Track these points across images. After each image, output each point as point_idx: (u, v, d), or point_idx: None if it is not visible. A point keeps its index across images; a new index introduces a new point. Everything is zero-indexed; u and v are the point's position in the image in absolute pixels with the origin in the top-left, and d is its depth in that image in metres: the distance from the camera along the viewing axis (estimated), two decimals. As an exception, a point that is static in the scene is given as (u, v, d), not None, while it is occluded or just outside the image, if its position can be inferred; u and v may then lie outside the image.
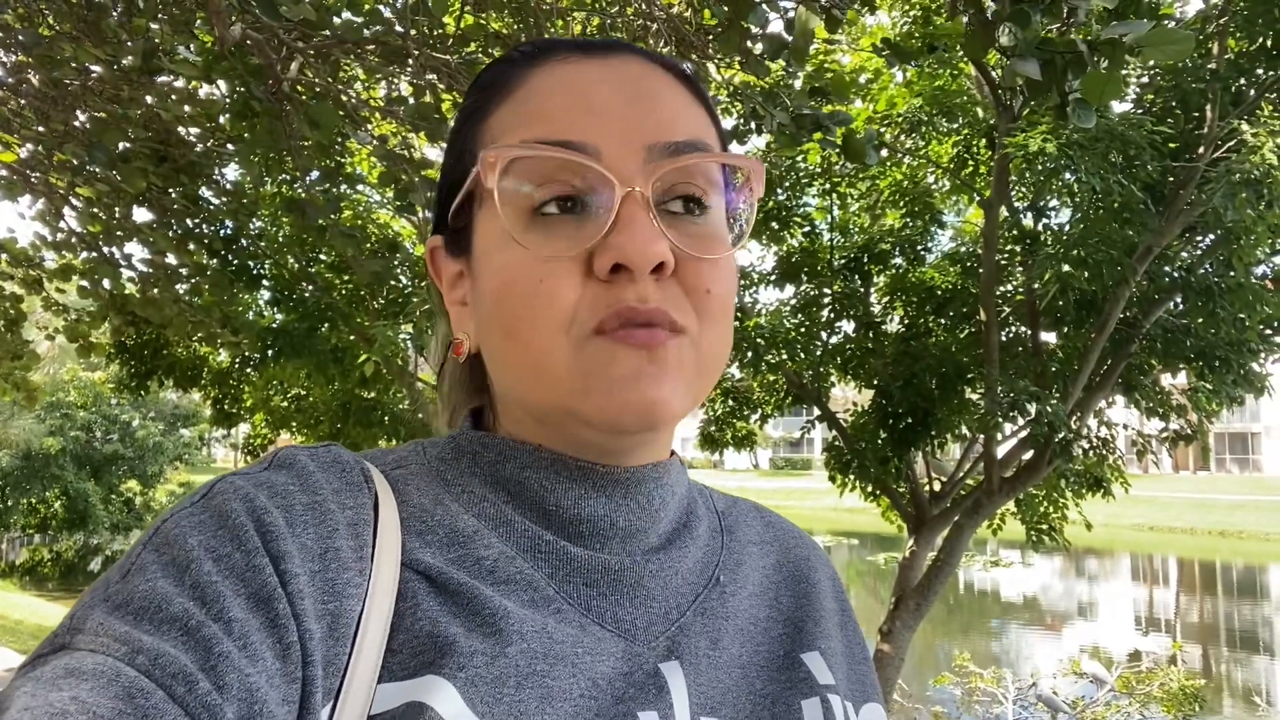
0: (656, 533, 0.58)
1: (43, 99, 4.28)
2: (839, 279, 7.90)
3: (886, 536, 19.63)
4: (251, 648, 0.41)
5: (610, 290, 0.51)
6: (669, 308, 0.52)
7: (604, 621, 0.53)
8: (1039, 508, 7.49)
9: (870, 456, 7.42)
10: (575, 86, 0.55)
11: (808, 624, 0.62)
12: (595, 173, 0.51)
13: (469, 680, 0.45)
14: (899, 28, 6.77)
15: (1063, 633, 15.46)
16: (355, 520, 0.50)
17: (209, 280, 5.93)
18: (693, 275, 0.53)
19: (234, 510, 0.46)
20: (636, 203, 0.51)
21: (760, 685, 0.56)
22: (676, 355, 0.52)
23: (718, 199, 0.56)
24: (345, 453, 0.55)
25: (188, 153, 4.90)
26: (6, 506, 23.88)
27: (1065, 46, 2.36)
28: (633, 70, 0.56)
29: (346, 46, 3.73)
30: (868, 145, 3.21)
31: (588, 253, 0.51)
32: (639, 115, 0.54)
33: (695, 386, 0.54)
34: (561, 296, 0.51)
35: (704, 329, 0.54)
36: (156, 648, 0.39)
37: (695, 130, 0.56)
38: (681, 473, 0.62)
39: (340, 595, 0.46)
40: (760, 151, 6.87)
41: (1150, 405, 7.00)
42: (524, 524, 0.55)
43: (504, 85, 0.57)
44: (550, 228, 0.52)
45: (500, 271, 0.54)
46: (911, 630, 7.05)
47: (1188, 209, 5.64)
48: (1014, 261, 7.04)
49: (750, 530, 0.67)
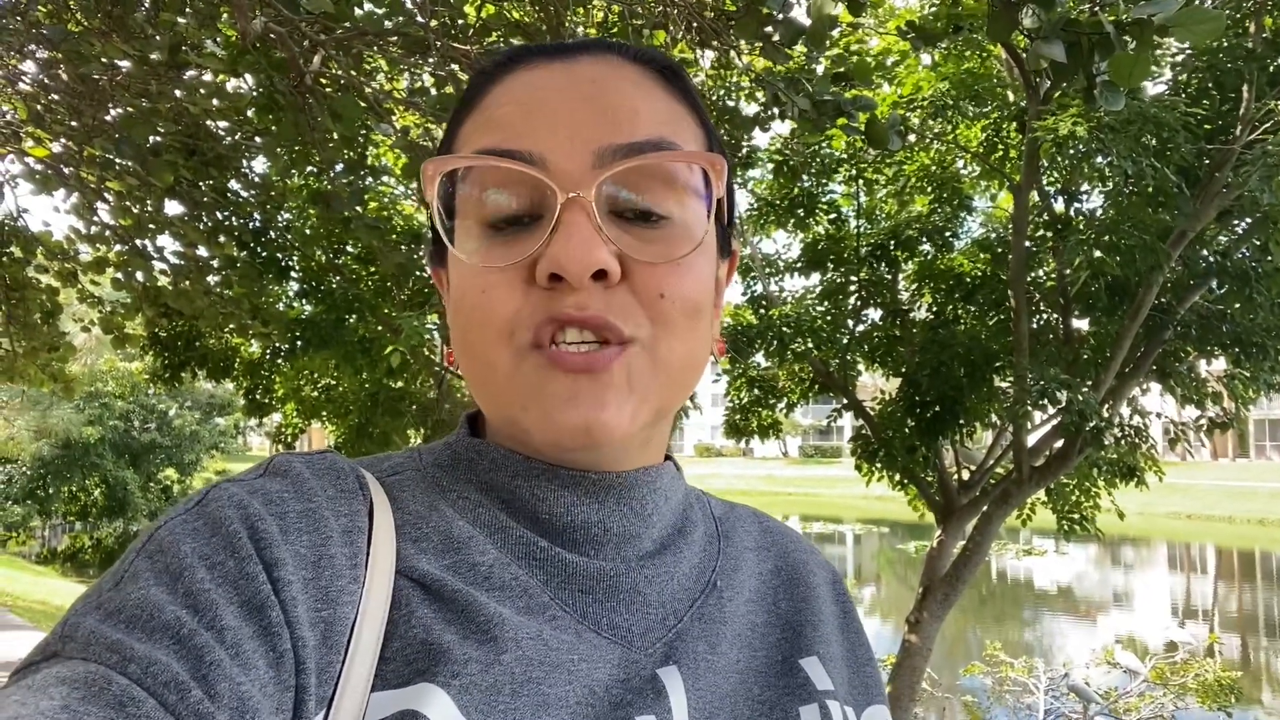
0: (650, 538, 0.58)
1: (73, 94, 4.35)
2: (865, 266, 7.82)
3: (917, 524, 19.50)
4: (244, 656, 0.41)
5: (549, 299, 0.50)
6: (613, 315, 0.51)
7: (600, 628, 0.53)
8: (1070, 497, 7.39)
9: (898, 445, 7.35)
10: (528, 94, 0.55)
11: (806, 629, 0.62)
12: (534, 180, 0.51)
13: (463, 688, 0.45)
14: (925, 9, 6.67)
15: (1097, 622, 15.29)
16: (349, 527, 0.50)
17: (239, 272, 6.01)
18: (644, 281, 0.52)
19: (227, 517, 0.46)
20: (578, 209, 0.50)
21: (758, 691, 0.56)
22: (623, 369, 0.51)
23: (685, 199, 0.54)
24: (341, 460, 0.55)
25: (216, 146, 4.96)
26: (48, 495, 24.46)
27: (1091, 27, 2.31)
28: (594, 71, 0.55)
29: (368, 38, 3.75)
30: (891, 130, 3.16)
31: (531, 261, 0.51)
32: (590, 118, 0.53)
33: (653, 396, 0.53)
34: (502, 306, 0.51)
35: (660, 335, 0.52)
36: (148, 656, 0.39)
37: (658, 129, 0.54)
38: (676, 478, 0.62)
39: (334, 602, 0.46)
40: (784, 138, 6.81)
41: (1185, 392, 6.88)
42: (519, 530, 0.55)
43: (471, 98, 0.58)
44: (499, 238, 0.52)
45: (456, 284, 0.55)
46: (939, 620, 7.00)
47: (1223, 192, 5.51)
48: (1044, 247, 6.93)
49: (748, 536, 0.67)
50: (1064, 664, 9.73)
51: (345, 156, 4.79)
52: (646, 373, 0.52)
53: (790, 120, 3.52)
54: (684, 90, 0.58)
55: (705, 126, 0.59)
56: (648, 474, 0.58)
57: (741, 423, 8.63)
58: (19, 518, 25.08)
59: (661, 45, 4.07)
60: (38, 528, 27.53)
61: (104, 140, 4.38)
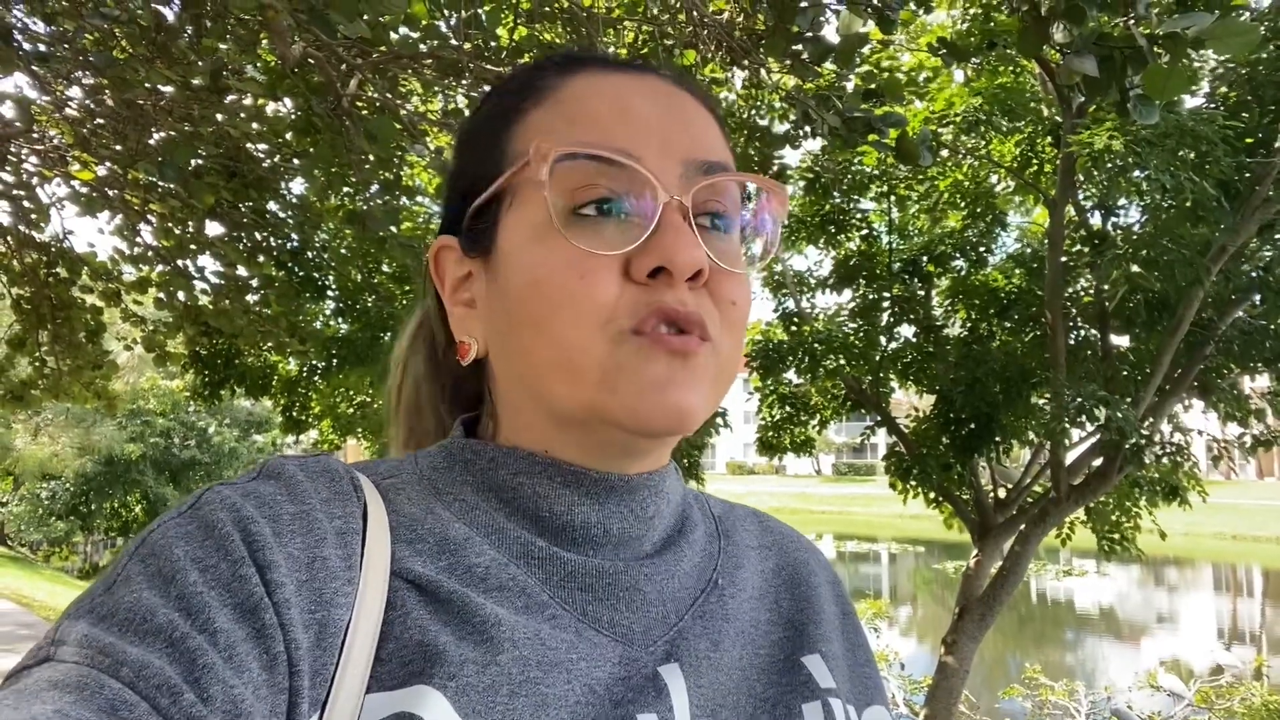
0: (650, 540, 0.58)
1: (118, 119, 4.47)
2: (898, 282, 7.78)
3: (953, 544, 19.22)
4: (237, 658, 0.41)
5: (649, 292, 0.52)
6: (705, 314, 0.53)
7: (600, 626, 0.53)
8: (1110, 516, 7.26)
9: (933, 462, 7.28)
10: (615, 96, 0.56)
11: (808, 627, 0.62)
12: (641, 178, 0.53)
13: (459, 689, 0.45)
14: (957, 25, 6.65)
15: (1140, 645, 14.95)
16: (344, 529, 0.50)
17: (277, 292, 6.10)
18: (721, 287, 0.55)
19: (220, 520, 0.46)
20: (678, 211, 0.53)
21: (761, 689, 0.56)
22: (704, 363, 0.53)
23: (736, 219, 0.58)
24: (335, 462, 0.55)
25: (256, 168, 5.06)
26: (90, 510, 24.89)
27: (1124, 41, 2.29)
28: (664, 86, 0.58)
29: (403, 62, 3.82)
30: (922, 146, 3.16)
31: (626, 256, 0.52)
32: (676, 131, 0.55)
33: (714, 395, 0.55)
34: (603, 292, 0.52)
35: (725, 340, 0.55)
36: (141, 659, 0.39)
37: (721, 152, 0.58)
38: (677, 480, 0.63)
39: (328, 604, 0.46)
40: (815, 155, 6.81)
41: (1228, 409, 6.74)
42: (516, 531, 0.55)
43: (538, 89, 0.58)
44: (590, 227, 0.53)
45: (536, 266, 0.54)
46: (976, 641, 6.90)
47: (1264, 206, 5.42)
48: (1081, 263, 6.85)
49: (748, 534, 0.67)
50: (1106, 687, 9.53)
51: (381, 177, 4.86)
52: (714, 372, 0.54)
53: (821, 137, 3.53)
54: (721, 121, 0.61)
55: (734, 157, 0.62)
56: (651, 478, 0.58)
57: (774, 439, 8.60)
58: (62, 533, 25.59)
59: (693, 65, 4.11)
60: (79, 543, 28.04)
61: (147, 164, 4.49)
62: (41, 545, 26.87)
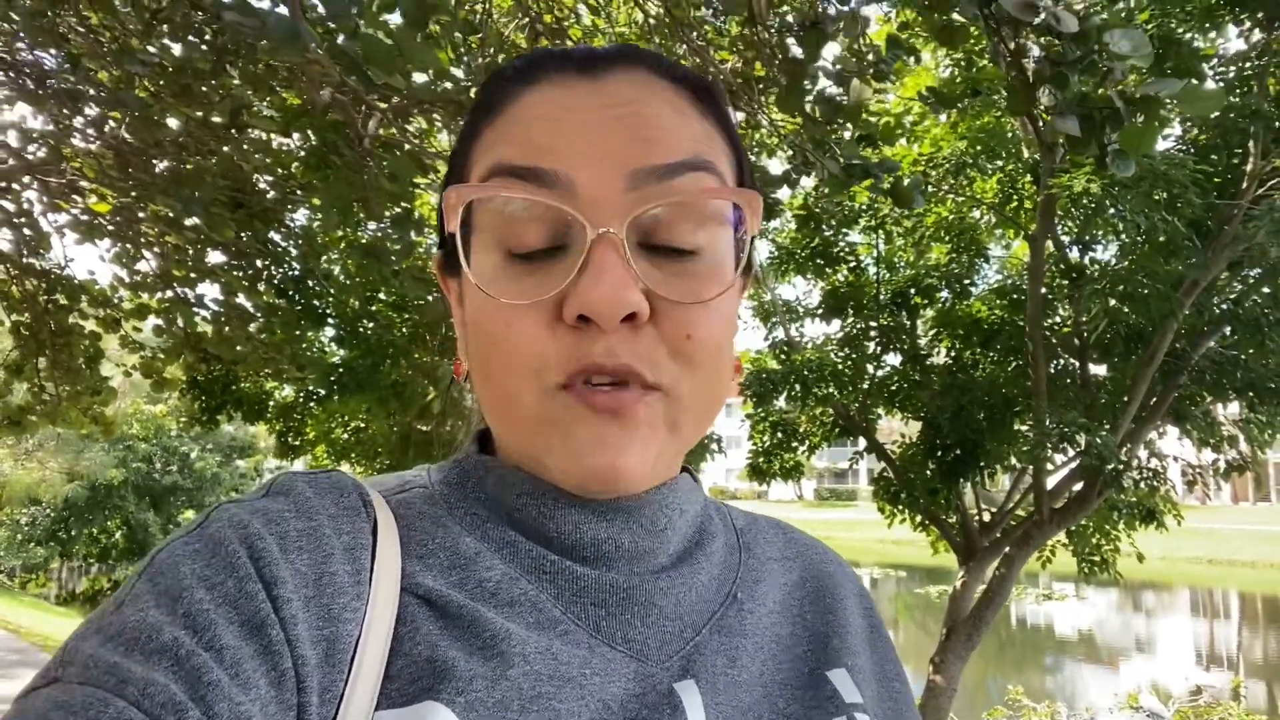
0: (666, 553, 0.56)
1: (139, 153, 4.61)
2: (885, 313, 8.03)
3: (935, 569, 19.38)
4: (244, 676, 0.41)
5: (578, 342, 0.49)
6: (639, 363, 0.49)
7: (614, 642, 0.51)
8: (1090, 539, 7.49)
9: (919, 487, 7.48)
10: (556, 109, 0.52)
11: (834, 640, 0.59)
12: (562, 211, 0.49)
13: (469, 705, 0.44)
14: (939, 68, 6.95)
15: (1119, 669, 15.10)
16: (352, 545, 0.49)
17: (280, 320, 6.21)
18: (672, 321, 0.50)
19: (227, 538, 0.45)
20: (608, 245, 0.48)
21: (784, 704, 0.54)
22: (647, 415, 0.50)
23: (715, 230, 0.52)
24: (345, 477, 0.54)
25: (261, 199, 5.21)
26: (70, 536, 24.61)
27: (1103, 103, 2.53)
28: (626, 87, 0.53)
29: (424, 106, 4.01)
30: (915, 191, 3.38)
31: (560, 296, 0.49)
32: (622, 139, 0.51)
33: (672, 443, 0.52)
34: (528, 344, 0.49)
35: (685, 378, 0.51)
36: (146, 677, 0.39)
37: (694, 149, 0.52)
38: (693, 489, 0.60)
39: (336, 620, 0.46)
40: (809, 192, 7.05)
41: (1202, 436, 7.00)
42: (527, 545, 0.53)
43: (492, 104, 0.55)
44: (522, 266, 0.51)
45: (474, 310, 0.53)
46: (963, 661, 7.07)
47: (1232, 243, 5.71)
48: (1061, 295, 7.12)
49: (771, 547, 0.65)
50: (1086, 708, 9.69)
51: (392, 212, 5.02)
52: (663, 420, 0.51)
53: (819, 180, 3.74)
54: (718, 112, 0.56)
55: (737, 150, 0.57)
56: (659, 492, 0.56)
57: (765, 465, 8.77)
58: (41, 559, 25.26)
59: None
60: (56, 569, 27.65)
61: (165, 198, 4.62)
62: (17, 572, 26.50)
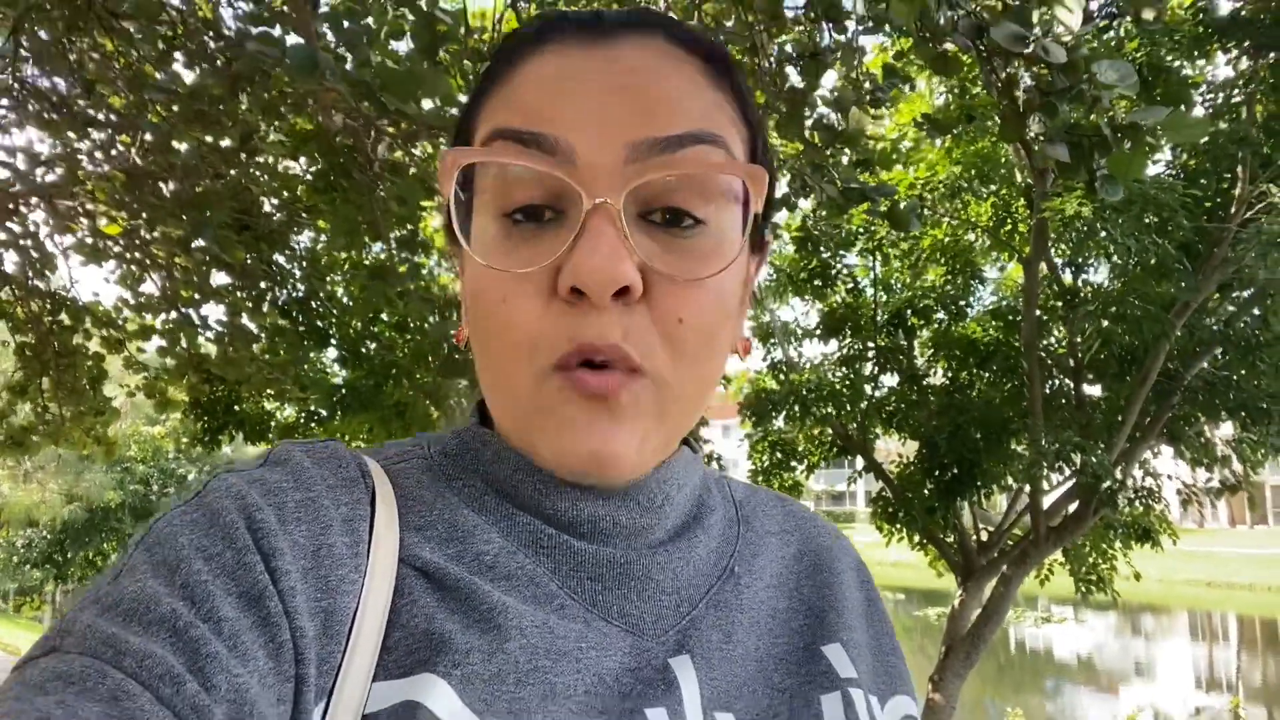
0: (663, 528, 0.55)
1: (149, 176, 4.71)
2: (882, 334, 8.13)
3: (933, 591, 19.33)
4: (242, 647, 0.41)
5: (571, 319, 0.47)
6: (629, 344, 0.48)
7: (610, 616, 0.51)
8: (1087, 559, 7.55)
9: (917, 506, 7.55)
10: (561, 75, 0.51)
11: (830, 615, 0.59)
12: (559, 180, 0.48)
13: (465, 678, 0.44)
14: (935, 95, 7.09)
15: (1119, 694, 15.05)
16: (350, 516, 0.49)
17: (285, 341, 6.28)
18: (665, 301, 0.48)
19: (224, 508, 0.45)
20: (604, 216, 0.47)
21: (778, 679, 0.54)
22: (633, 401, 0.49)
23: (721, 204, 0.50)
24: (343, 448, 0.54)
25: (268, 222, 5.30)
26: (66, 559, 24.46)
27: (1091, 130, 2.63)
28: (635, 54, 0.51)
29: (433, 131, 4.11)
30: (911, 214, 3.48)
31: (554, 267, 0.48)
32: (625, 108, 0.49)
33: (661, 431, 0.51)
34: (523, 319, 0.49)
35: (674, 365, 0.49)
36: (143, 649, 0.38)
37: (699, 120, 0.50)
38: (692, 462, 0.59)
39: (334, 592, 0.45)
40: (807, 214, 7.17)
41: (1195, 455, 7.08)
42: (525, 519, 0.53)
43: (496, 72, 0.54)
44: (518, 234, 0.49)
45: (473, 279, 0.52)
46: (961, 679, 7.10)
47: (1222, 266, 5.82)
48: (1055, 316, 7.22)
49: (770, 520, 0.64)
50: (1086, 731, 9.69)
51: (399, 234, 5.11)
52: (651, 407, 0.50)
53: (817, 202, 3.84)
54: (732, 82, 0.54)
55: (751, 124, 0.55)
56: (657, 469, 0.55)
57: (764, 485, 8.81)
58: (36, 582, 25.10)
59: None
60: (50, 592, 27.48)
61: (175, 220, 4.71)
62: (11, 595, 26.34)
